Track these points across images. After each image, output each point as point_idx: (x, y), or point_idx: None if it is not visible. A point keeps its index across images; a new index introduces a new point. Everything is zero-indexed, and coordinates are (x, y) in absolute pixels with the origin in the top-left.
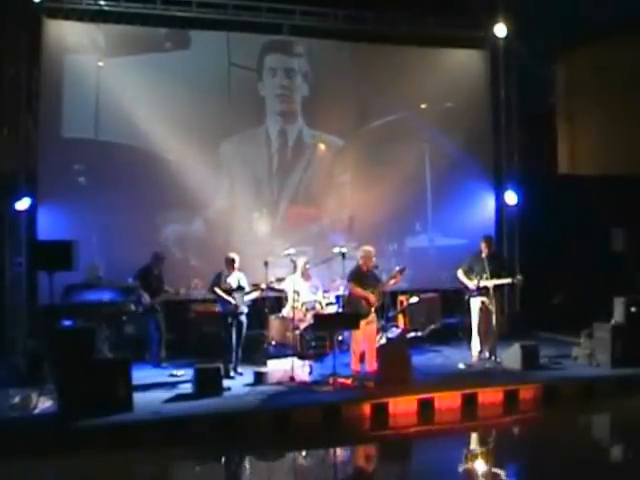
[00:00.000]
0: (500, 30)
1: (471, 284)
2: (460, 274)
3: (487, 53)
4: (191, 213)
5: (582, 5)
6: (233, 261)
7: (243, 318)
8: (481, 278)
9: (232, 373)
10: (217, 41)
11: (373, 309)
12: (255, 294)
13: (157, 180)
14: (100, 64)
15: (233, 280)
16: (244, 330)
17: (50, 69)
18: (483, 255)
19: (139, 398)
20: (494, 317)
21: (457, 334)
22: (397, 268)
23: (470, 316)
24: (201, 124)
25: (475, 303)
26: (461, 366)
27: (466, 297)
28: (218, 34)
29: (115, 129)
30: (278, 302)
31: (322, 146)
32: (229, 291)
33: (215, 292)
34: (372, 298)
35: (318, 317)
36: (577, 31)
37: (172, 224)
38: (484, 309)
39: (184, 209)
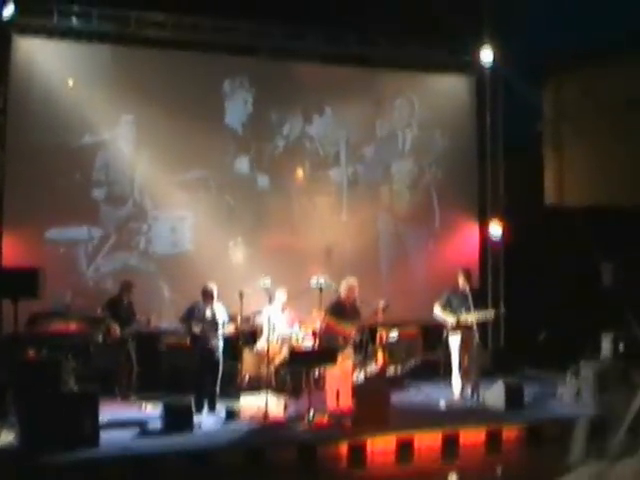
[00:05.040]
0: (486, 55)
1: (450, 320)
2: (437, 310)
3: (473, 79)
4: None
5: (570, 29)
6: (211, 292)
7: (218, 355)
8: (461, 313)
9: (206, 411)
10: (194, 62)
11: (350, 344)
12: (231, 329)
13: (127, 205)
14: (70, 83)
15: (209, 313)
16: (220, 368)
17: (18, 87)
18: (461, 289)
19: (106, 433)
20: (476, 353)
21: (438, 371)
22: (381, 304)
23: (450, 353)
24: (174, 147)
25: (454, 340)
26: (442, 404)
27: (444, 334)
28: (194, 55)
29: None
30: (252, 335)
31: (300, 172)
32: (202, 324)
33: (185, 323)
34: (348, 332)
35: (294, 352)
36: (565, 56)
37: (142, 251)
38: (464, 346)
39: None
